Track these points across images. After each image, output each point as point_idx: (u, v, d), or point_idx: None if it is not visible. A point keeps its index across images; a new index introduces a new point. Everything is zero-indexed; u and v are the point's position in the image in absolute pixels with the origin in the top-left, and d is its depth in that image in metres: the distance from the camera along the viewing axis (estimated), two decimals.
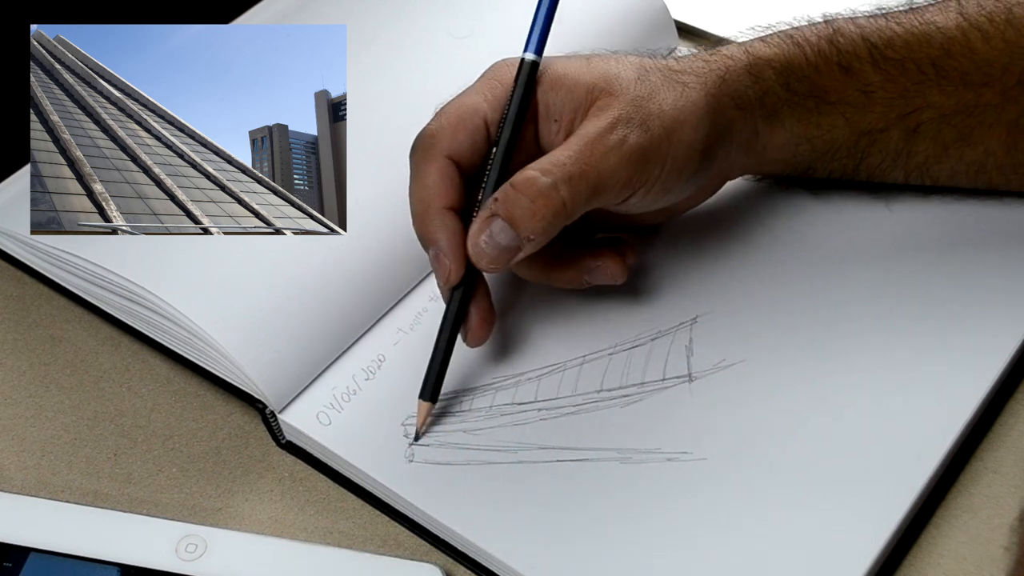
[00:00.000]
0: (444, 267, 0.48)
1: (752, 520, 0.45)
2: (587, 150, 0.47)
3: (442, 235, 0.48)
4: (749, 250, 0.55)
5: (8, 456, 0.51)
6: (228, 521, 0.48)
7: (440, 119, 0.49)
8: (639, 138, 0.47)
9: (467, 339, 0.50)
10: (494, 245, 0.47)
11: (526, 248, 0.47)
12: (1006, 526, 0.46)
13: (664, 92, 0.49)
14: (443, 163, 0.48)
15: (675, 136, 0.48)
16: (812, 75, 0.51)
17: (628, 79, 0.49)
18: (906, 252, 0.54)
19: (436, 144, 0.48)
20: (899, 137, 0.52)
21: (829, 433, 0.48)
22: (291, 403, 0.50)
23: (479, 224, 0.47)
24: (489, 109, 0.49)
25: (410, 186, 0.49)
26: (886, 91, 0.51)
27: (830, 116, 0.52)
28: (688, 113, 0.49)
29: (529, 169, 0.47)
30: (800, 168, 0.55)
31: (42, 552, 0.45)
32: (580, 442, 0.48)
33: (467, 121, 0.49)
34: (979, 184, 0.54)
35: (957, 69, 0.51)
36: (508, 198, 0.46)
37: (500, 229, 0.47)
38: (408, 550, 0.47)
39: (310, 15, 0.64)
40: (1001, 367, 0.49)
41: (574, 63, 0.50)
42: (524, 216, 0.46)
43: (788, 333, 0.51)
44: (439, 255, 0.48)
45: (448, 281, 0.48)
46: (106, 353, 0.55)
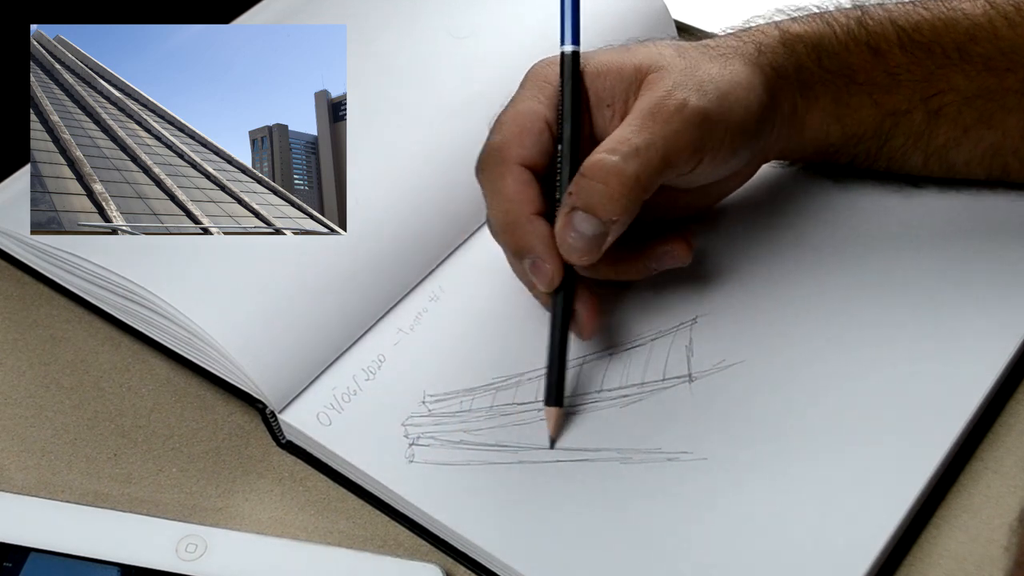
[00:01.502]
0: (546, 272, 0.48)
1: (752, 520, 0.45)
2: (649, 120, 0.47)
3: (536, 241, 0.48)
4: (749, 251, 0.55)
5: (8, 456, 0.51)
6: (228, 521, 0.48)
7: (502, 131, 0.49)
8: (699, 100, 0.48)
9: (581, 334, 0.50)
10: (581, 237, 0.47)
11: (613, 231, 0.47)
12: (1006, 526, 0.46)
13: (708, 64, 0.50)
14: (518, 171, 0.48)
15: (731, 99, 0.49)
16: (842, 53, 0.52)
17: (671, 55, 0.50)
18: (902, 254, 0.54)
19: (506, 155, 0.48)
20: (921, 119, 0.53)
21: (829, 433, 0.48)
22: (291, 403, 0.50)
23: (562, 221, 0.47)
24: (546, 110, 0.49)
25: (488, 202, 0.49)
26: (912, 73, 0.52)
27: (859, 96, 0.53)
28: (737, 79, 0.49)
29: (595, 153, 0.47)
30: (828, 151, 0.55)
31: (42, 552, 0.45)
32: (580, 442, 0.48)
33: (530, 126, 0.49)
34: (994, 171, 0.55)
35: (981, 54, 0.51)
36: (582, 187, 0.46)
37: (582, 220, 0.47)
38: (408, 550, 0.47)
39: (310, 15, 0.64)
40: (1001, 367, 0.49)
41: (614, 51, 0.51)
42: (602, 200, 0.46)
43: (788, 333, 0.51)
44: (537, 262, 0.48)
45: (552, 284, 0.48)
46: (106, 353, 0.55)
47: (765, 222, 0.56)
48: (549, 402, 0.48)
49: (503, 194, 0.48)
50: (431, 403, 0.50)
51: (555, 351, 0.49)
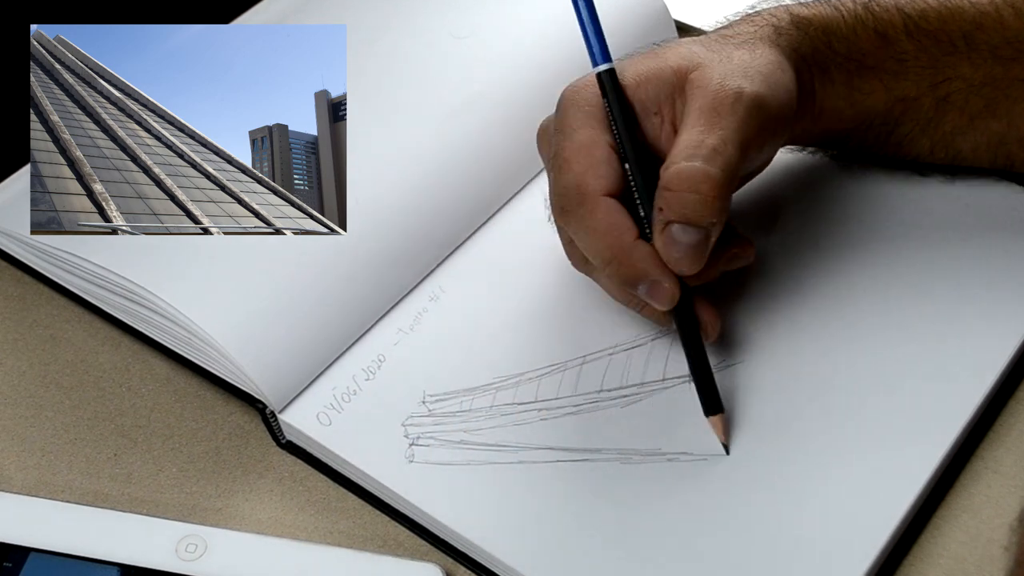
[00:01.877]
0: (665, 291, 0.47)
1: (752, 520, 0.45)
2: (715, 116, 0.47)
3: (648, 265, 0.47)
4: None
5: (8, 456, 0.51)
6: (228, 521, 0.48)
7: (571, 168, 0.48)
8: (752, 87, 0.48)
9: (709, 338, 0.49)
10: (684, 248, 0.46)
11: (713, 233, 0.47)
12: (1006, 526, 0.46)
13: (736, 52, 0.49)
14: (606, 203, 0.47)
15: (773, 81, 0.49)
16: (851, 37, 0.52)
17: (701, 51, 0.49)
18: (902, 252, 0.54)
19: (587, 191, 0.48)
20: (929, 106, 0.53)
21: (829, 433, 0.48)
22: (291, 403, 0.50)
23: (660, 238, 0.47)
24: (605, 134, 0.48)
25: (583, 242, 0.48)
26: (919, 60, 0.52)
27: (870, 80, 0.53)
28: (770, 62, 0.49)
29: (673, 165, 0.46)
30: (840, 136, 0.55)
31: (42, 552, 0.45)
32: (580, 442, 0.48)
33: (596, 155, 0.48)
34: (998, 158, 0.55)
35: (987, 43, 0.52)
36: (671, 201, 0.46)
37: (681, 232, 0.46)
38: (408, 550, 0.47)
39: (310, 15, 0.64)
40: (1002, 367, 0.49)
41: (643, 59, 0.50)
42: (696, 208, 0.46)
43: (787, 334, 0.51)
44: (653, 285, 0.47)
45: (674, 300, 0.48)
46: (106, 353, 0.55)
47: (764, 222, 0.56)
48: (709, 411, 0.48)
49: (600, 230, 0.47)
50: (431, 403, 0.50)
51: (696, 362, 0.48)
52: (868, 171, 0.57)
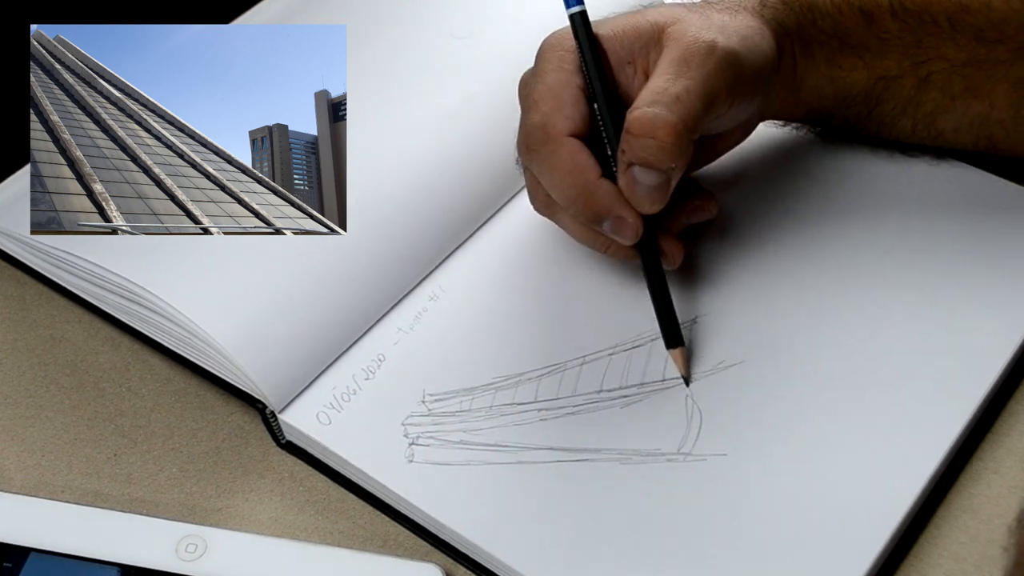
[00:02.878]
0: (629, 226, 0.49)
1: (751, 520, 0.45)
2: (683, 66, 0.48)
3: (612, 201, 0.48)
4: (748, 252, 0.55)
5: (8, 456, 0.51)
6: (228, 521, 0.48)
7: (539, 108, 0.49)
8: (725, 42, 0.48)
9: (673, 264, 0.51)
10: (645, 189, 0.48)
11: (674, 176, 0.48)
12: (1006, 526, 0.46)
13: (717, 15, 0.50)
14: (569, 142, 0.49)
15: (749, 42, 0.50)
16: (835, 15, 0.53)
17: (682, 11, 0.50)
18: (903, 254, 0.54)
19: (552, 131, 0.49)
20: (911, 85, 0.54)
21: (828, 433, 0.48)
22: (291, 403, 0.50)
23: (624, 178, 0.48)
24: (574, 76, 0.50)
25: (547, 179, 0.49)
26: (902, 40, 0.53)
27: (851, 58, 0.53)
28: (749, 25, 0.51)
29: (636, 108, 0.47)
30: (821, 113, 0.56)
31: (42, 552, 0.45)
32: (580, 442, 0.48)
33: (565, 96, 0.49)
34: (980, 140, 0.55)
35: (972, 24, 0.52)
36: (631, 144, 0.47)
37: (643, 173, 0.48)
38: (408, 550, 0.47)
39: (310, 15, 0.64)
40: (1001, 367, 0.49)
41: (624, 16, 0.51)
42: (655, 153, 0.47)
43: (787, 334, 0.51)
44: (616, 220, 0.49)
45: (638, 234, 0.49)
46: (106, 353, 0.55)
47: (763, 223, 0.56)
48: (670, 344, 0.50)
49: (563, 168, 0.49)
50: (431, 403, 0.50)
51: (659, 295, 0.50)
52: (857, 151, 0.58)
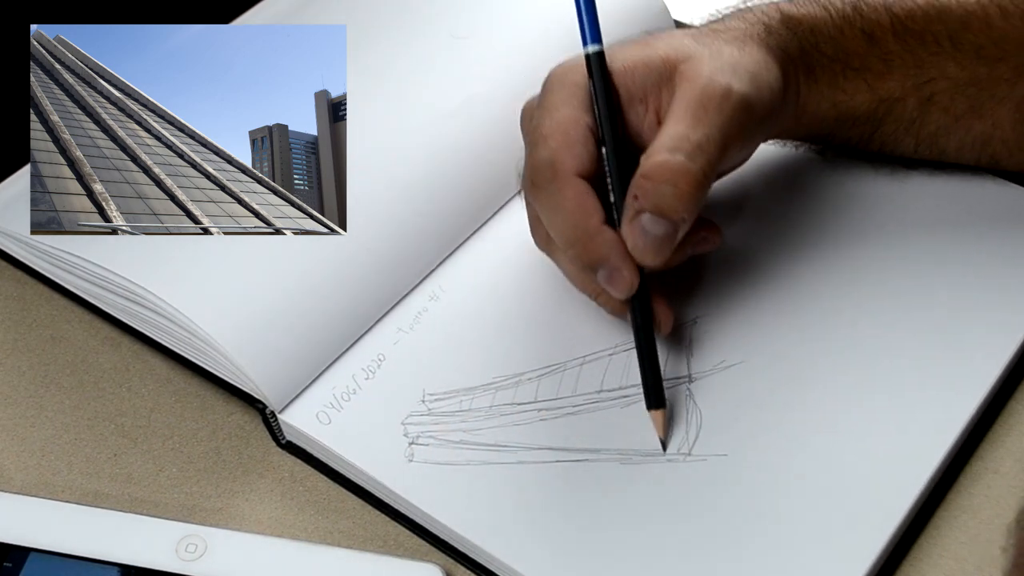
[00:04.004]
0: (624, 279, 0.47)
1: (752, 521, 0.45)
2: (701, 112, 0.47)
3: (610, 250, 0.47)
4: (749, 252, 0.55)
5: (8, 456, 0.51)
6: (228, 521, 0.48)
7: (548, 144, 0.48)
8: (740, 86, 0.48)
9: (661, 330, 0.50)
10: (651, 239, 0.46)
11: (681, 229, 0.47)
12: (1006, 527, 0.46)
13: (726, 48, 0.49)
14: (576, 183, 0.47)
15: (759, 81, 0.49)
16: (838, 38, 0.52)
17: (692, 44, 0.49)
18: (901, 251, 0.54)
19: (560, 168, 0.47)
20: (914, 106, 0.53)
21: (829, 433, 0.48)
22: (291, 403, 0.50)
23: (628, 226, 0.47)
24: (585, 115, 0.48)
25: (549, 218, 0.48)
26: (904, 60, 0.52)
27: (854, 81, 0.53)
28: (757, 61, 0.49)
29: (655, 154, 0.46)
30: (823, 134, 0.56)
31: (42, 552, 0.45)
32: (580, 442, 0.48)
33: (575, 135, 0.48)
34: (983, 159, 0.55)
35: (973, 43, 0.52)
36: (647, 190, 0.46)
37: (652, 223, 0.46)
38: (408, 550, 0.47)
39: (310, 15, 0.64)
40: (1001, 367, 0.49)
41: (634, 46, 0.50)
42: (671, 202, 0.46)
43: (787, 335, 0.51)
44: (613, 272, 0.47)
45: (632, 289, 0.48)
46: (106, 353, 0.55)
47: (763, 223, 0.56)
48: (651, 405, 0.48)
49: (567, 209, 0.47)
50: (431, 402, 0.50)
51: (646, 354, 0.48)
52: (860, 167, 0.57)
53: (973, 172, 0.56)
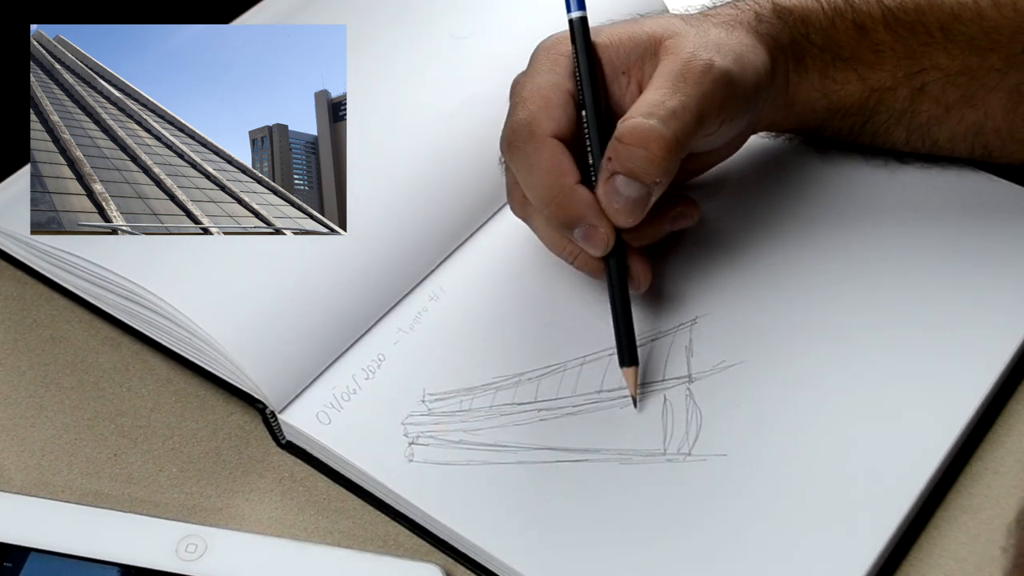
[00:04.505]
0: (600, 236, 0.48)
1: (752, 520, 0.45)
2: (680, 81, 0.48)
3: (586, 209, 0.48)
4: (748, 252, 0.55)
5: (8, 456, 0.51)
6: (228, 521, 0.48)
7: (527, 106, 0.49)
8: (722, 62, 0.48)
9: (639, 287, 0.50)
10: (625, 201, 0.47)
11: (655, 192, 0.48)
12: (1006, 527, 0.46)
13: (714, 30, 0.50)
14: (552, 144, 0.48)
15: (744, 61, 0.50)
16: (828, 29, 0.53)
17: (680, 24, 0.50)
18: (903, 253, 0.54)
19: (536, 130, 0.48)
20: (905, 96, 0.54)
21: (829, 434, 0.48)
22: (291, 403, 0.50)
23: (604, 187, 0.48)
24: (566, 80, 0.50)
25: (524, 178, 0.49)
26: (895, 51, 0.53)
27: (844, 71, 0.53)
28: (744, 43, 0.50)
29: (630, 118, 0.47)
30: (814, 124, 0.56)
31: (42, 552, 0.45)
32: (580, 442, 0.48)
33: (554, 99, 0.49)
34: (976, 148, 0.55)
35: (964, 33, 0.52)
36: (620, 153, 0.47)
37: (625, 184, 0.47)
38: (408, 550, 0.47)
39: (310, 15, 0.64)
40: (1002, 367, 0.49)
41: (621, 24, 0.51)
42: (643, 164, 0.47)
43: (788, 334, 0.51)
44: (588, 229, 0.48)
45: (608, 246, 0.49)
46: (106, 353, 0.55)
47: (762, 224, 0.56)
48: (624, 362, 0.49)
49: (542, 168, 0.48)
50: (431, 402, 0.50)
51: (620, 312, 0.49)
52: (854, 160, 0.57)
53: (969, 169, 0.56)
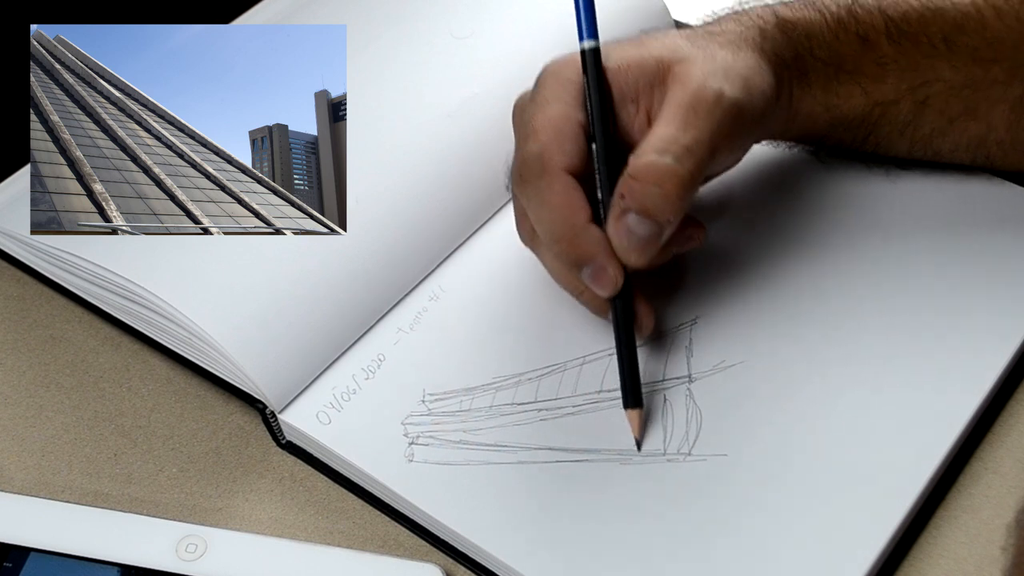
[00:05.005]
0: (609, 277, 0.47)
1: (751, 520, 0.45)
2: (692, 115, 0.47)
3: (596, 248, 0.47)
4: (748, 252, 0.55)
5: (8, 456, 0.51)
6: (228, 521, 0.48)
7: (538, 138, 0.48)
8: (731, 92, 0.47)
9: (642, 332, 0.50)
10: (637, 240, 0.46)
11: (667, 231, 0.47)
12: (1006, 526, 0.46)
13: (720, 52, 0.49)
14: (564, 179, 0.47)
15: (751, 86, 0.49)
16: (832, 42, 0.52)
17: (686, 46, 0.49)
18: (902, 253, 0.54)
19: (548, 164, 0.47)
20: (908, 109, 0.53)
21: (829, 434, 0.48)
22: (291, 403, 0.50)
23: (615, 225, 0.47)
24: (577, 112, 0.48)
25: (535, 214, 0.48)
26: (898, 63, 0.52)
27: (847, 85, 0.53)
28: (750, 66, 0.49)
29: (644, 154, 0.46)
30: (816, 136, 0.56)
31: (42, 552, 0.45)
32: (580, 442, 0.48)
33: (566, 131, 0.48)
34: (978, 159, 0.55)
35: (968, 45, 0.52)
36: (634, 191, 0.46)
37: (638, 223, 0.46)
38: (408, 550, 0.47)
39: (310, 15, 0.64)
40: (1001, 367, 0.49)
41: (627, 47, 0.50)
42: (658, 203, 0.46)
43: (787, 335, 0.51)
44: (598, 270, 0.47)
45: (616, 288, 0.48)
46: (106, 353, 0.55)
47: (762, 223, 0.56)
48: (628, 404, 0.48)
49: (554, 204, 0.47)
50: (431, 402, 0.50)
51: (625, 354, 0.48)
52: (855, 164, 0.57)
53: (969, 171, 0.57)
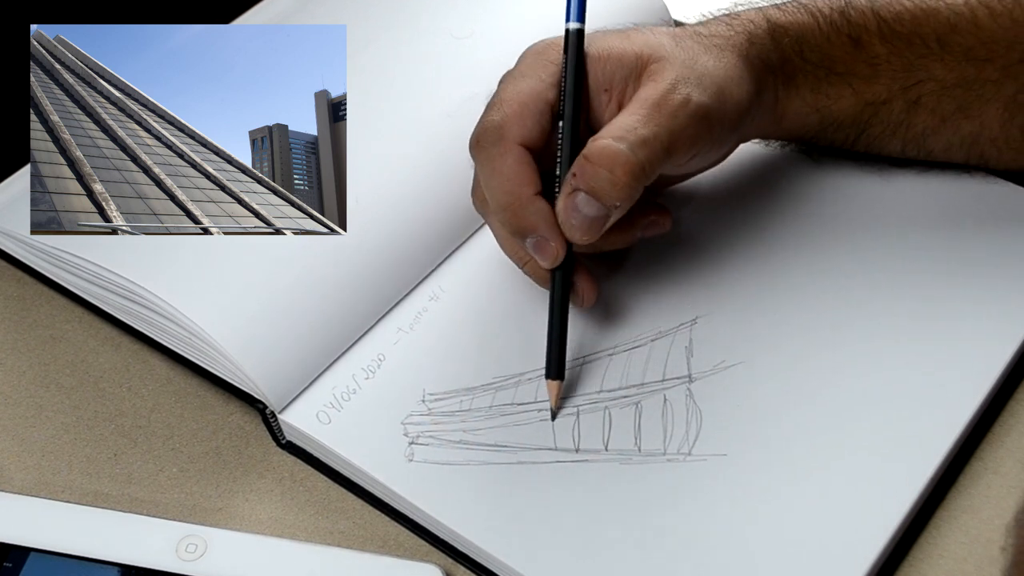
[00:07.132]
0: (550, 250, 0.48)
1: (751, 520, 0.45)
2: (655, 112, 0.47)
3: (540, 221, 0.48)
4: (749, 252, 0.55)
5: (8, 456, 0.51)
6: (228, 521, 0.48)
7: (502, 109, 0.49)
8: (700, 97, 0.48)
9: (583, 304, 0.51)
10: (583, 219, 0.47)
11: (614, 215, 0.48)
12: (1006, 527, 0.46)
13: (704, 55, 0.50)
14: (518, 151, 0.48)
15: (726, 94, 0.49)
16: (824, 45, 0.52)
17: (669, 45, 0.50)
18: (902, 253, 0.54)
19: (506, 134, 0.49)
20: (900, 108, 0.53)
21: (829, 434, 0.48)
22: (291, 403, 0.50)
23: (564, 202, 0.48)
24: (548, 89, 0.49)
25: (485, 180, 0.49)
26: (891, 64, 0.52)
27: (838, 87, 0.53)
28: (731, 73, 0.50)
29: (601, 138, 0.47)
30: (806, 136, 0.56)
31: (42, 552, 0.45)
32: (580, 442, 0.48)
33: (531, 106, 0.49)
34: (971, 158, 0.55)
35: (961, 44, 0.52)
36: (586, 171, 0.47)
37: (585, 202, 0.47)
38: (408, 550, 0.47)
39: (310, 15, 0.64)
40: (1001, 367, 0.49)
41: (613, 37, 0.51)
42: (606, 187, 0.47)
43: (787, 335, 0.51)
44: (540, 241, 0.48)
45: (556, 261, 0.49)
46: (106, 353, 0.55)
47: (762, 223, 0.56)
48: (550, 374, 0.49)
49: (504, 174, 0.48)
50: (431, 402, 0.50)
51: (555, 325, 0.49)
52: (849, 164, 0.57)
53: (964, 169, 0.56)
